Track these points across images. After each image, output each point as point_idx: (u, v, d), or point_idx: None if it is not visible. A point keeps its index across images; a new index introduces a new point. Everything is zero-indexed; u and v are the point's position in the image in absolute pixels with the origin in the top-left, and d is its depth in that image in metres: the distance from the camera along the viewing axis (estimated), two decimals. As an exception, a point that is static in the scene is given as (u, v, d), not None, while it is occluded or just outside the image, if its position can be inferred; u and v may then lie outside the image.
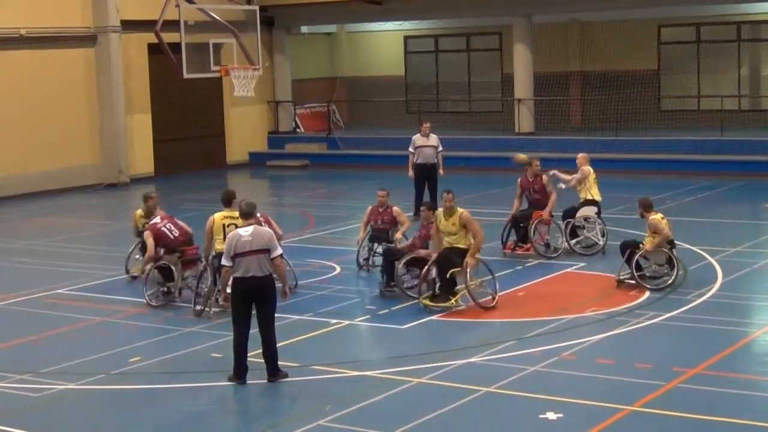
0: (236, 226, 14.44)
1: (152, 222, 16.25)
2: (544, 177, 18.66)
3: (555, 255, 18.24)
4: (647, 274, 16.04)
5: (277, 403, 11.62)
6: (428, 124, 23.14)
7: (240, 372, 12.02)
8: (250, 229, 12.14)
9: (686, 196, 24.83)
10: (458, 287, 15.13)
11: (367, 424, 10.66)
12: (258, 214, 17.22)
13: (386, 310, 15.21)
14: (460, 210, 15.30)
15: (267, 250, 12.03)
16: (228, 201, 15.19)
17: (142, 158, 31.63)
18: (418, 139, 22.76)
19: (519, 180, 18.97)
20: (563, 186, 19.15)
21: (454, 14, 33.96)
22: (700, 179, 27.15)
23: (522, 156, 19.71)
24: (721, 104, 30.68)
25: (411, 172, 22.65)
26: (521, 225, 18.49)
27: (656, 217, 16.00)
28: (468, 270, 14.96)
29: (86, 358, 13.25)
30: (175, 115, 32.31)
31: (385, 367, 12.50)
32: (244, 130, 34.87)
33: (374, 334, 14.47)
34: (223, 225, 14.89)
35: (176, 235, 16.03)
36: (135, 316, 15.44)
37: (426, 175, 22.49)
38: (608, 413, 10.73)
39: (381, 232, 17.46)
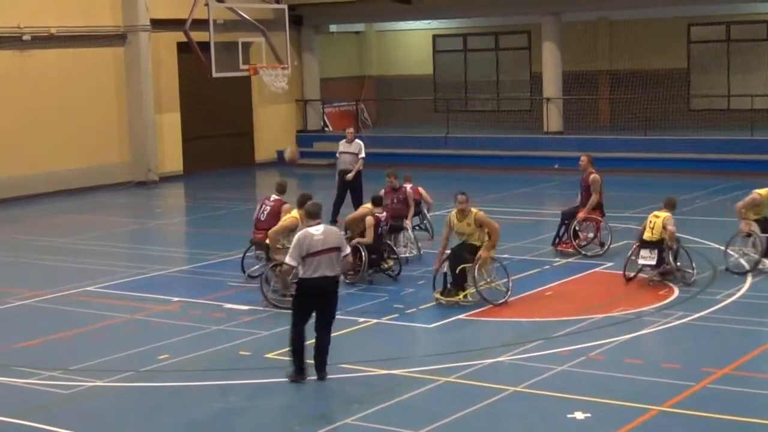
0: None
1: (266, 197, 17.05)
2: (592, 176, 18.28)
3: (598, 254, 18.18)
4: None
5: (304, 401, 11.64)
6: (351, 130, 22.81)
7: (303, 372, 11.98)
8: (321, 227, 11.98)
9: (715, 196, 24.70)
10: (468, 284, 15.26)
11: (394, 423, 10.66)
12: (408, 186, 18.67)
13: (413, 309, 15.21)
14: (474, 210, 15.36)
15: (339, 248, 11.92)
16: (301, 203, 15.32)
17: (171, 157, 31.75)
18: (342, 144, 22.32)
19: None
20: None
21: (482, 13, 33.90)
22: (729, 179, 26.98)
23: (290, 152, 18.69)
24: (751, 103, 30.51)
25: (337, 177, 22.21)
26: (566, 222, 18.50)
27: (664, 215, 16.01)
28: (478, 265, 15.06)
29: (115, 356, 13.32)
30: (203, 114, 32.42)
31: (412, 366, 12.50)
32: (273, 129, 34.94)
33: (402, 333, 14.46)
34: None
35: (261, 218, 16.62)
36: (163, 314, 15.51)
37: (346, 182, 21.90)
38: (636, 413, 10.69)
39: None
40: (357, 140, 22.34)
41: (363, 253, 16.39)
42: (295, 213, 15.37)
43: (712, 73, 33.22)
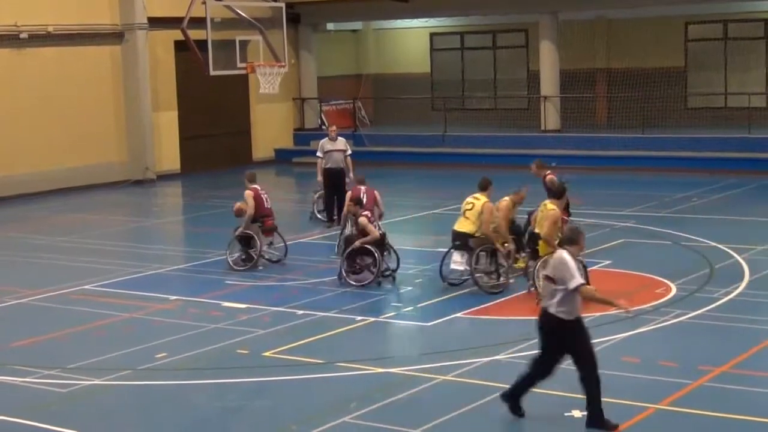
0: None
1: (253, 187, 18.14)
2: (548, 177, 17.95)
3: None
4: None
5: (302, 400, 11.64)
6: (335, 127, 22.74)
7: (513, 408, 10.66)
8: (563, 253, 10.43)
9: (713, 194, 24.71)
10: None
11: (392, 421, 10.68)
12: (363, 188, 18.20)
13: (411, 307, 15.23)
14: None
15: (552, 279, 10.21)
16: (485, 187, 16.10)
17: (168, 155, 31.75)
18: (326, 143, 22.06)
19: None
20: None
21: (480, 11, 33.89)
22: (727, 177, 27.02)
23: None
24: (748, 101, 30.51)
25: (320, 177, 21.90)
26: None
27: None
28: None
29: (113, 354, 13.32)
30: (201, 113, 32.42)
31: (410, 364, 12.51)
32: (270, 127, 34.95)
33: (399, 331, 14.49)
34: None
35: (268, 205, 18.03)
36: (161, 313, 15.52)
37: (335, 181, 21.75)
38: (634, 411, 10.70)
39: None
40: (340, 137, 22.32)
41: (376, 254, 16.36)
42: (483, 197, 15.97)
43: (710, 72, 33.22)
